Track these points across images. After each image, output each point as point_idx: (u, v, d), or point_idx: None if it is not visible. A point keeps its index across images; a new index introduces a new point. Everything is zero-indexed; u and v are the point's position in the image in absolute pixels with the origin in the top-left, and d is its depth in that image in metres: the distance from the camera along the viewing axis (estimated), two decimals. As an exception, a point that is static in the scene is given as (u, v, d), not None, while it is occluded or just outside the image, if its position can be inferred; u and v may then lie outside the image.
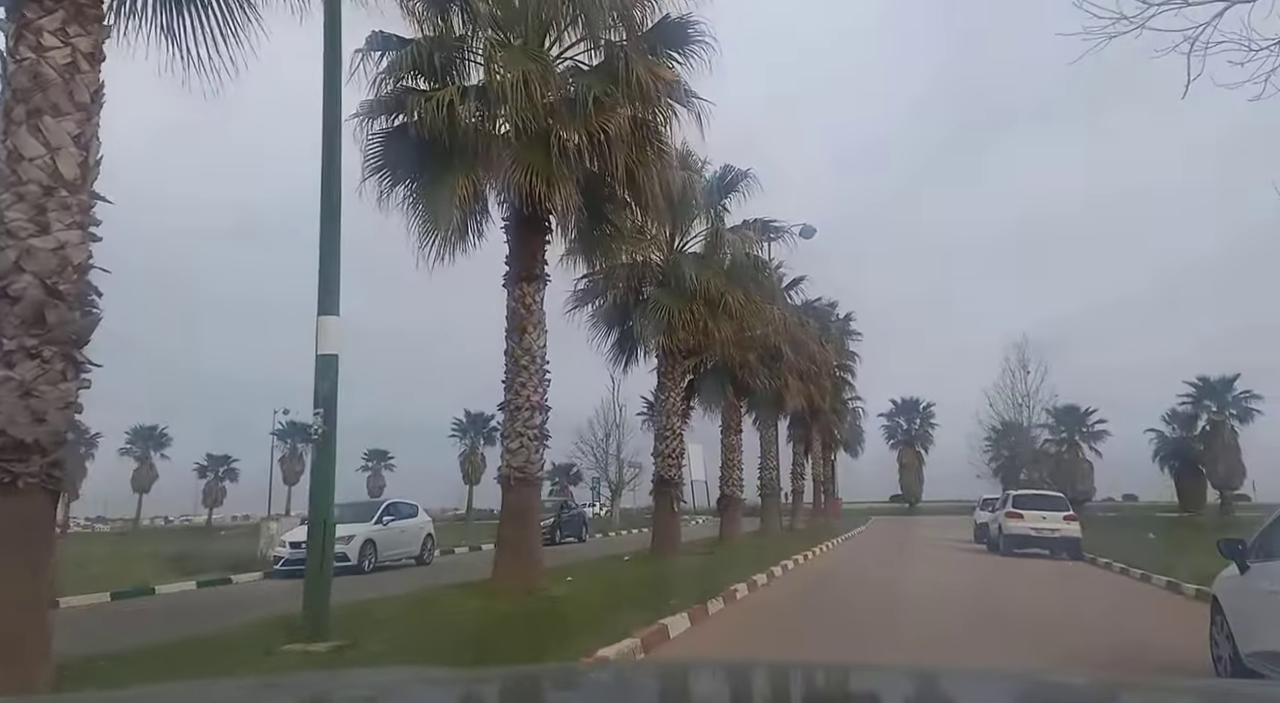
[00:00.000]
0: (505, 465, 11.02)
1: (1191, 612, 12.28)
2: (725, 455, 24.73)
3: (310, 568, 6.95)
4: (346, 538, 18.81)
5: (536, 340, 11.25)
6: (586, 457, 53.55)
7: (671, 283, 17.72)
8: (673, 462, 17.85)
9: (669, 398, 18.08)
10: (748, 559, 17.88)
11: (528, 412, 11.05)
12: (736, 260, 17.76)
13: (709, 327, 17.31)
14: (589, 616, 9.17)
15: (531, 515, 11.14)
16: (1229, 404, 48.85)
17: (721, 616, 10.82)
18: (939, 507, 66.75)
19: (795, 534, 31.06)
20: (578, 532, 32.30)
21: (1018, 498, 24.77)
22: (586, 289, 18.49)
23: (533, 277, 11.34)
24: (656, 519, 18.30)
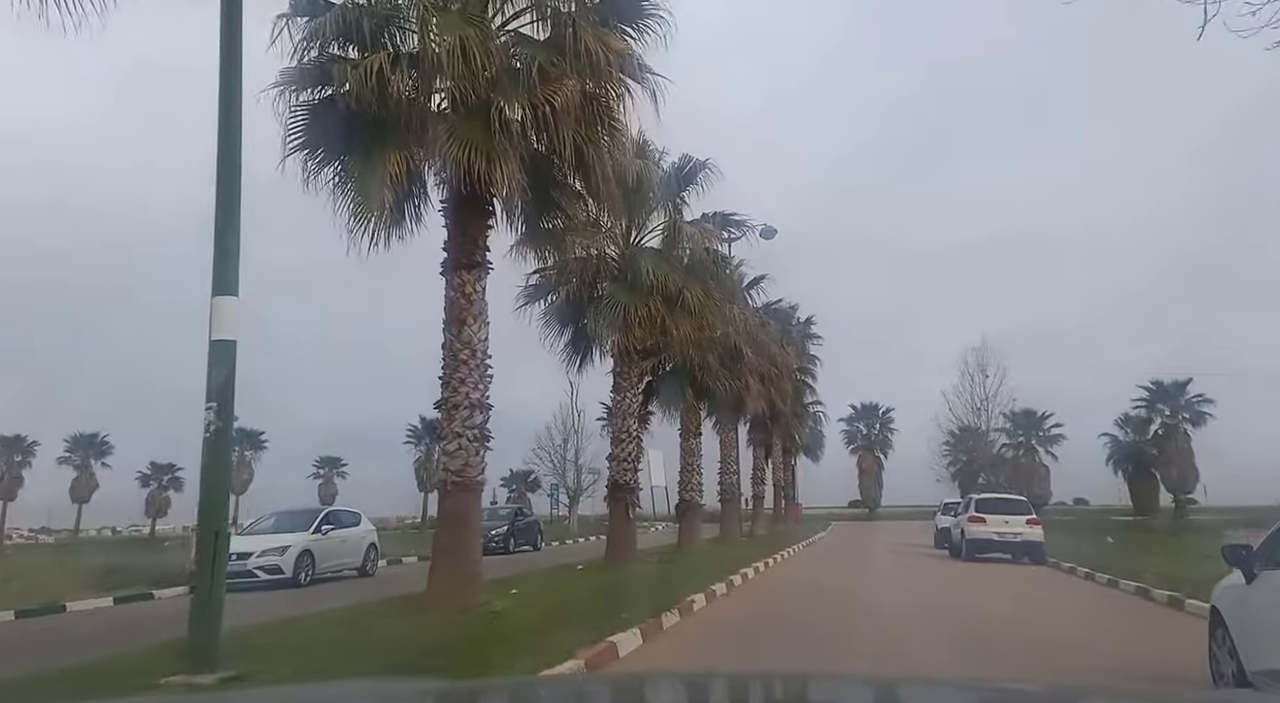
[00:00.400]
0: (442, 469, 10.09)
1: (1170, 621, 11.78)
2: (684, 460, 23.94)
3: (198, 589, 5.99)
4: (280, 549, 17.69)
5: (477, 333, 10.34)
6: (544, 463, 52.57)
7: (628, 278, 16.91)
8: (628, 466, 17.01)
9: (625, 400, 17.25)
10: (706, 568, 17.09)
11: (467, 410, 10.13)
12: (696, 255, 17.02)
13: (667, 324, 16.53)
14: (529, 634, 8.29)
15: (470, 524, 10.21)
16: (1182, 408, 49.44)
17: (677, 630, 10.00)
18: (898, 512, 66.83)
19: (756, 541, 30.38)
20: (533, 540, 31.30)
21: (980, 502, 24.37)
22: (538, 285, 17.61)
23: (473, 264, 10.43)
24: (611, 527, 17.45)
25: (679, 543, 23.37)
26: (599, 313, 16.26)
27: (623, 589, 12.89)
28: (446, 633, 8.19)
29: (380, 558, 24.94)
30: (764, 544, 27.54)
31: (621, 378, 17.32)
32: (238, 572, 17.39)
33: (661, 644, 8.97)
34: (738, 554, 21.49)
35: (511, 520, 30.61)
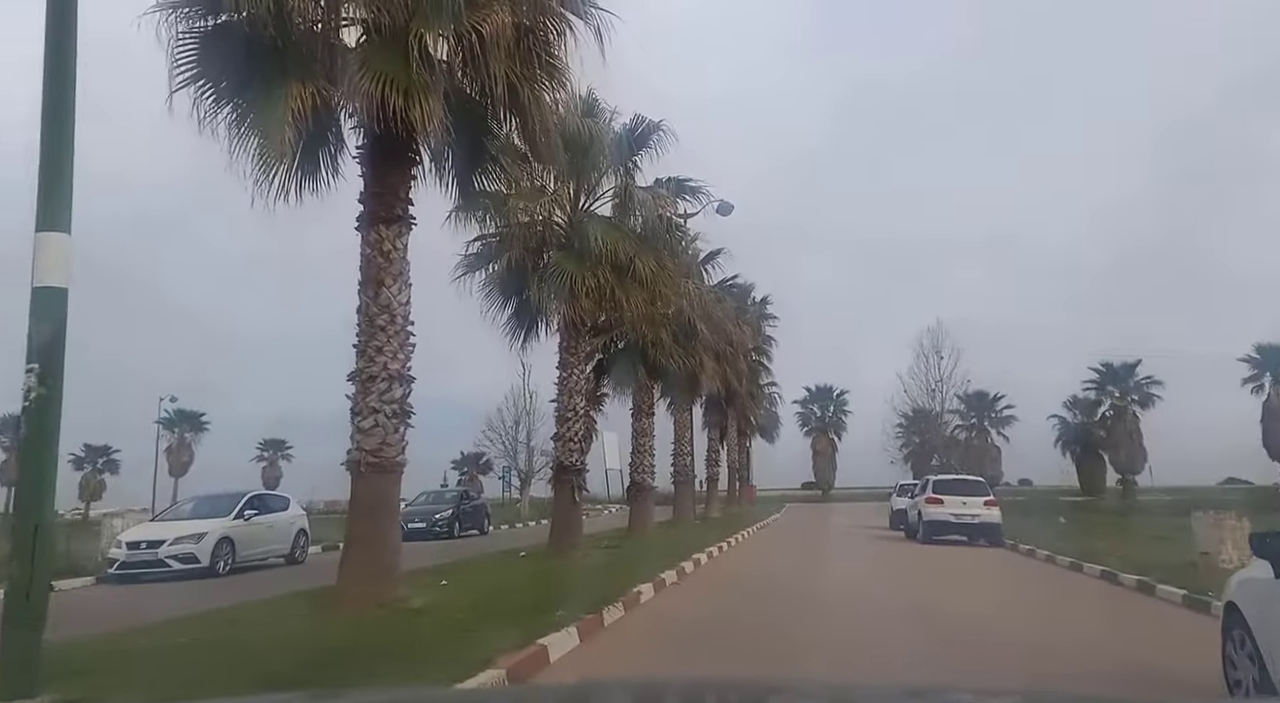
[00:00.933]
0: (355, 448, 8.90)
1: (1148, 610, 11.11)
2: (636, 440, 22.97)
3: (9, 594, 4.79)
4: (197, 536, 16.33)
5: (397, 296, 9.14)
6: (496, 445, 51.26)
7: (575, 245, 15.77)
8: (574, 447, 15.95)
9: (572, 376, 16.16)
10: (657, 553, 16.17)
11: (384, 383, 8.95)
12: (648, 223, 15.93)
13: (617, 295, 15.44)
14: (448, 636, 7.22)
15: (388, 510, 9.06)
16: (1131, 389, 49.91)
17: (620, 627, 9.01)
18: (852, 494, 66.94)
19: (710, 523, 29.62)
20: (479, 524, 30.17)
21: (938, 483, 23.84)
22: (479, 253, 16.39)
23: (392, 218, 9.21)
24: (556, 511, 16.39)
25: (630, 527, 22.44)
26: (543, 283, 15.11)
27: (564, 580, 11.88)
28: (349, 636, 7.08)
29: (314, 544, 23.67)
30: (718, 527, 26.77)
31: (568, 353, 16.22)
32: (149, 561, 16.05)
33: (601, 645, 7.97)
34: (691, 538, 20.64)
35: (457, 504, 29.45)
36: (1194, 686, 6.27)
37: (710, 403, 35.02)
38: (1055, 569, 16.49)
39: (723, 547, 19.83)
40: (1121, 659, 7.32)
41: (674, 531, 24.19)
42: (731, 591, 13.12)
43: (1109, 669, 6.90)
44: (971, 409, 55.75)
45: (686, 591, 12.74)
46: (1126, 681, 6.64)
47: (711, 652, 7.82)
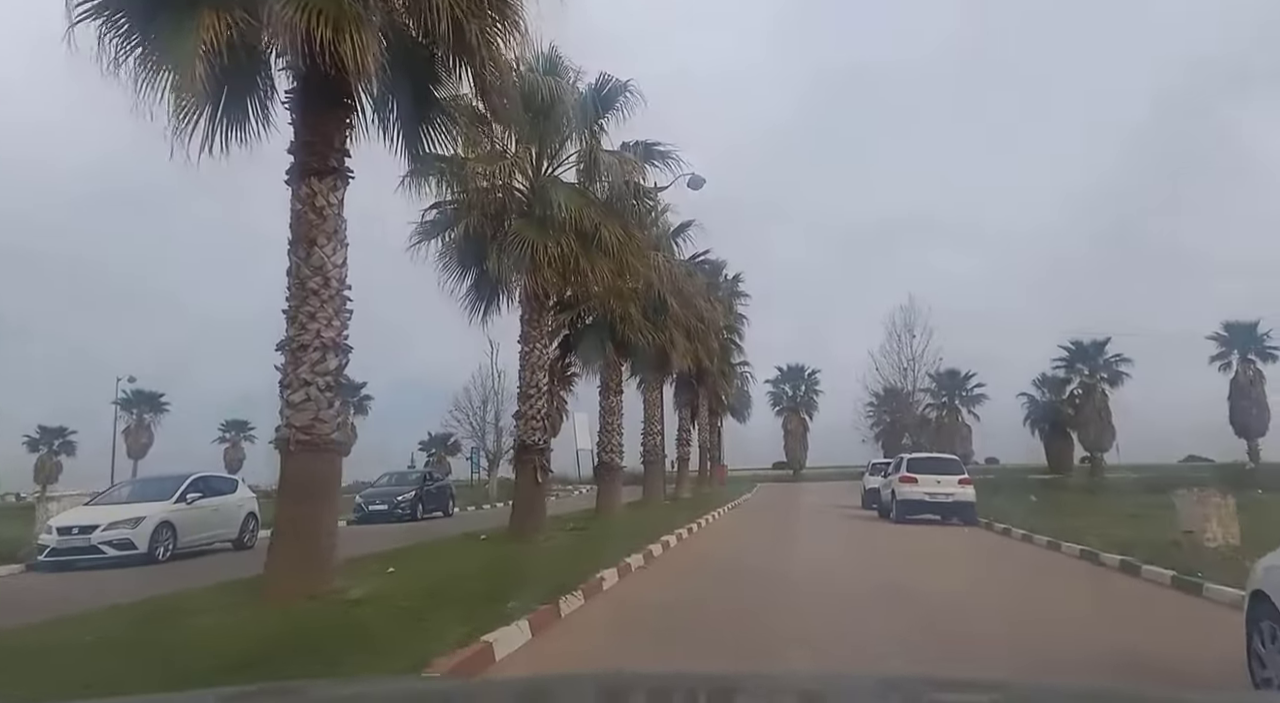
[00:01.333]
0: (285, 425, 8.03)
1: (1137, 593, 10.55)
2: (604, 419, 22.23)
3: None
4: (134, 521, 15.32)
5: (331, 257, 8.25)
6: (463, 426, 50.22)
7: (537, 213, 14.89)
8: (536, 424, 15.14)
9: (534, 351, 15.31)
10: (624, 536, 15.48)
11: (317, 352, 8.07)
12: (615, 189, 15.07)
13: (581, 265, 14.60)
14: (382, 633, 6.44)
15: (324, 493, 8.20)
16: (1100, 367, 50.00)
17: (579, 618, 8.28)
18: (823, 473, 66.87)
19: (680, 504, 29.01)
20: (444, 505, 29.33)
21: (912, 462, 23.41)
22: (435, 221, 15.45)
23: (326, 169, 8.30)
24: (518, 492, 15.60)
25: (597, 508, 21.73)
26: (503, 252, 14.22)
27: (522, 566, 11.12)
28: (268, 633, 6.27)
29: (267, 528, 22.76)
30: (688, 508, 26.16)
31: (531, 327, 15.36)
32: (81, 548, 15.03)
33: (555, 640, 7.23)
34: (660, 519, 19.99)
35: (420, 485, 28.59)
36: (1207, 679, 5.68)
37: (681, 382, 34.36)
38: (1033, 549, 16.07)
39: (692, 528, 19.21)
40: (1118, 649, 6.74)
41: (643, 511, 23.54)
42: (701, 575, 12.47)
43: (1106, 661, 6.30)
44: (943, 388, 55.69)
45: (653, 575, 12.06)
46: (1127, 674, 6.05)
47: (677, 644, 7.13)
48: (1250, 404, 46.80)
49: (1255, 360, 47.56)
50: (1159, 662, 6.32)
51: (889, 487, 23.84)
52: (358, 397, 69.13)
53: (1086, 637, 7.40)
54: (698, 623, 8.11)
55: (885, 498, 24.28)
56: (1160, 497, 27.99)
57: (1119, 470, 52.34)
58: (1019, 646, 6.87)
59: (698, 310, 26.29)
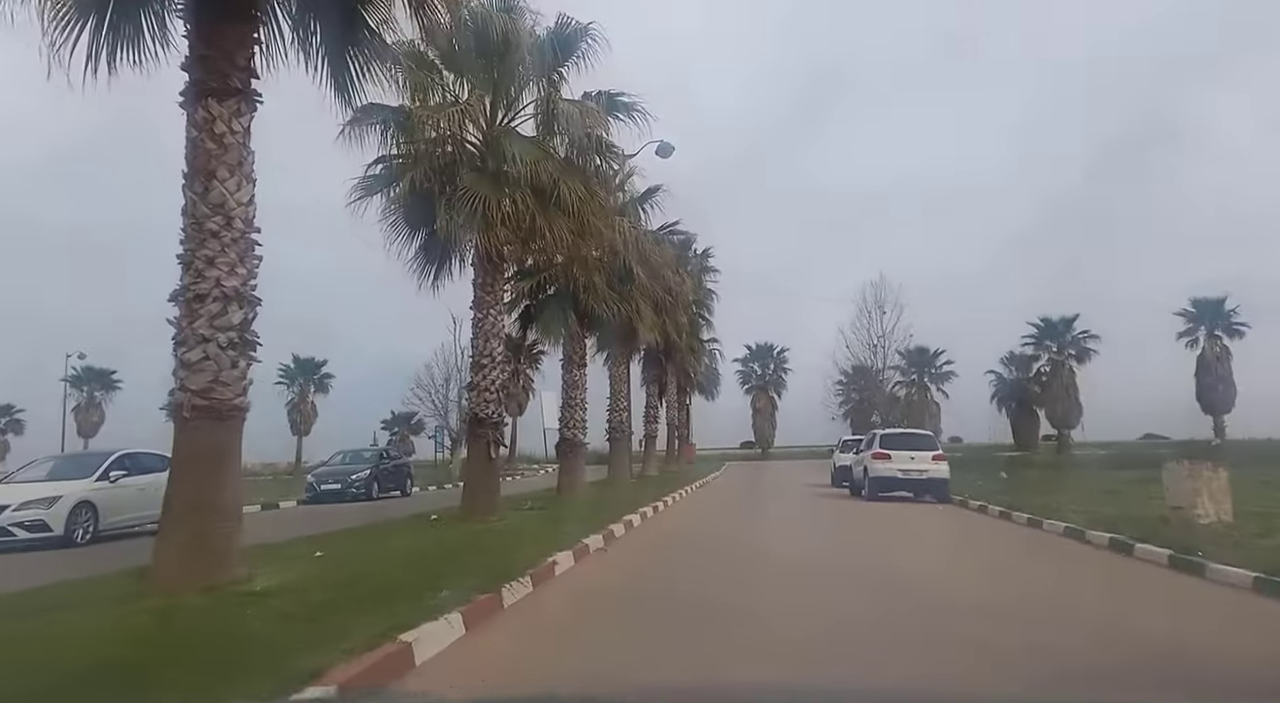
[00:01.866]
0: (179, 387, 6.88)
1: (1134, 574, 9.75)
2: (567, 394, 21.14)
3: None
4: (48, 501, 14.01)
5: (235, 193, 7.06)
6: (425, 404, 48.85)
7: (490, 166, 13.71)
8: (490, 397, 14.03)
9: (488, 317, 14.18)
10: (585, 516, 14.51)
11: (217, 303, 6.91)
12: (575, 142, 13.93)
13: (538, 223, 13.46)
14: (279, 633, 5.37)
15: (224, 467, 7.05)
16: (1068, 344, 49.92)
17: (523, 610, 7.26)
18: (791, 452, 66.57)
19: (646, 482, 28.11)
20: (401, 484, 28.17)
21: (885, 438, 22.66)
22: (379, 176, 14.20)
23: (227, 90, 7.08)
24: (469, 470, 14.52)
25: (559, 487, 20.72)
26: (452, 207, 13.03)
27: (469, 548, 10.09)
28: (140, 634, 5.18)
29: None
30: (655, 486, 25.26)
31: (484, 292, 14.21)
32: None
33: (492, 636, 6.21)
34: (624, 498, 19.04)
35: (375, 464, 27.39)
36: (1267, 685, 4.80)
37: (649, 357, 33.40)
38: (1013, 527, 15.36)
39: (657, 507, 18.28)
40: (1147, 647, 5.86)
41: (607, 490, 22.58)
42: (664, 558, 11.52)
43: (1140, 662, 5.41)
44: (912, 365, 55.34)
45: (613, 558, 11.07)
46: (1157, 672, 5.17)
47: (634, 644, 6.14)
48: (1216, 381, 46.99)
49: (1222, 337, 47.76)
50: (1204, 663, 5.42)
51: (861, 464, 23.11)
52: (318, 375, 67.63)
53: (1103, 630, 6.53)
54: (658, 616, 7.14)
55: (857, 475, 23.57)
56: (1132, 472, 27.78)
57: (1085, 448, 52.56)
58: (1033, 645, 5.90)
59: (666, 282, 25.23)
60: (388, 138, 13.82)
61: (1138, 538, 11.27)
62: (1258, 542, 10.39)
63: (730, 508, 20.76)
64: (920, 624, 6.79)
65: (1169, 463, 14.13)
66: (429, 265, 15.04)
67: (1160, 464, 32.59)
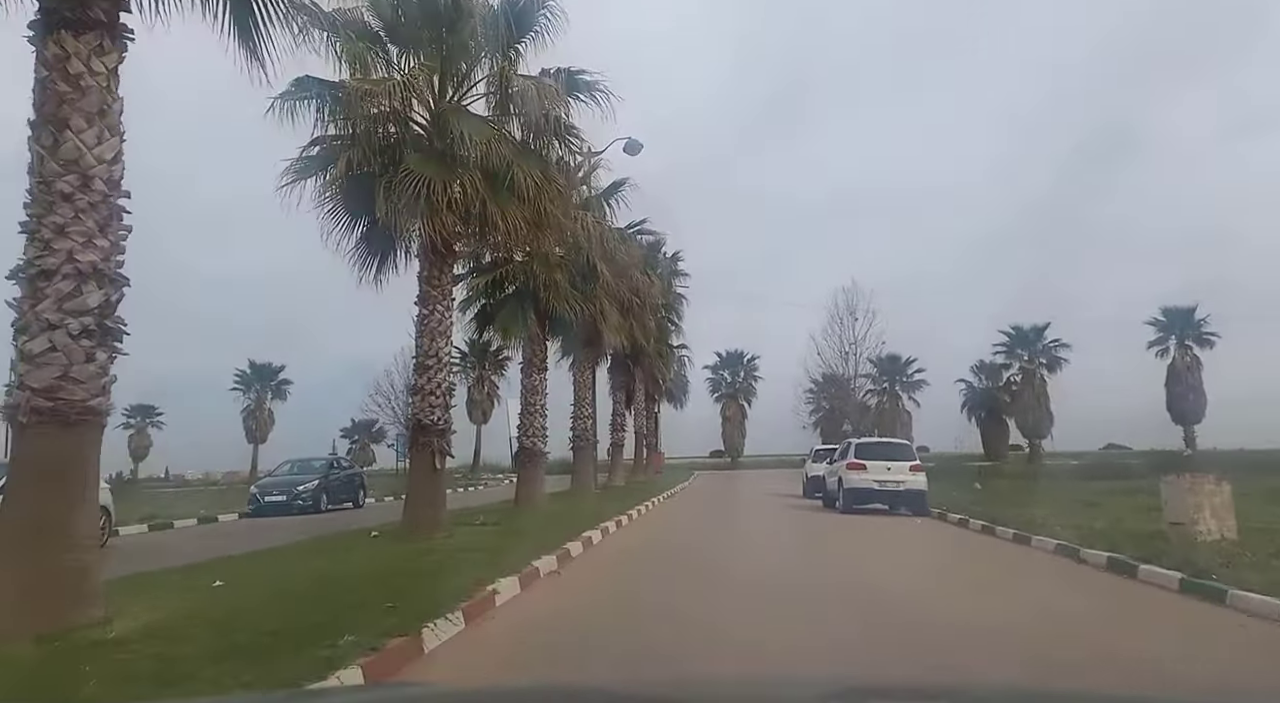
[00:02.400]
0: (18, 385, 5.56)
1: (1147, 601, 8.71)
2: (526, 399, 19.85)
3: None
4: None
5: (94, 148, 5.75)
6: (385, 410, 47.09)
7: (436, 146, 12.46)
8: (436, 401, 12.73)
9: (434, 314, 12.89)
10: (540, 531, 13.27)
11: (69, 282, 5.60)
12: (532, 122, 12.73)
13: (488, 210, 12.22)
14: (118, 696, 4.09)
15: (75, 483, 5.70)
16: (1039, 352, 49.55)
17: (446, 655, 5.97)
18: (761, 461, 65.67)
19: (612, 493, 26.86)
20: (353, 496, 26.65)
21: (861, 447, 21.66)
22: (315, 157, 12.88)
23: (87, 22, 5.78)
24: (411, 482, 13.18)
25: (517, 499, 19.42)
26: (393, 191, 11.74)
27: (399, 572, 8.78)
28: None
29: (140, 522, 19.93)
30: (620, 498, 24.02)
31: (430, 285, 12.93)
32: None
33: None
34: (586, 511, 17.82)
35: (325, 474, 25.84)
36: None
37: (616, 362, 32.20)
38: (999, 543, 14.35)
39: (621, 521, 17.06)
40: (1174, 684, 4.79)
41: (569, 502, 21.30)
42: (627, 580, 10.30)
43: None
44: (884, 373, 54.70)
45: (567, 581, 9.83)
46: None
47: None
48: (1187, 390, 46.81)
49: (1192, 346, 47.62)
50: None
51: (835, 474, 22.09)
52: (276, 381, 65.48)
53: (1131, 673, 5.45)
54: (613, 659, 5.92)
55: (831, 486, 22.55)
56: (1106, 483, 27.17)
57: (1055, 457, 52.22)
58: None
59: (633, 282, 24.06)
60: (324, 115, 12.51)
61: (1140, 558, 10.29)
62: (1274, 564, 9.42)
63: (698, 522, 19.60)
64: (916, 662, 5.66)
65: (1167, 476, 13.19)
66: (371, 257, 13.71)
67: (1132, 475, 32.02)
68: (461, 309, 19.18)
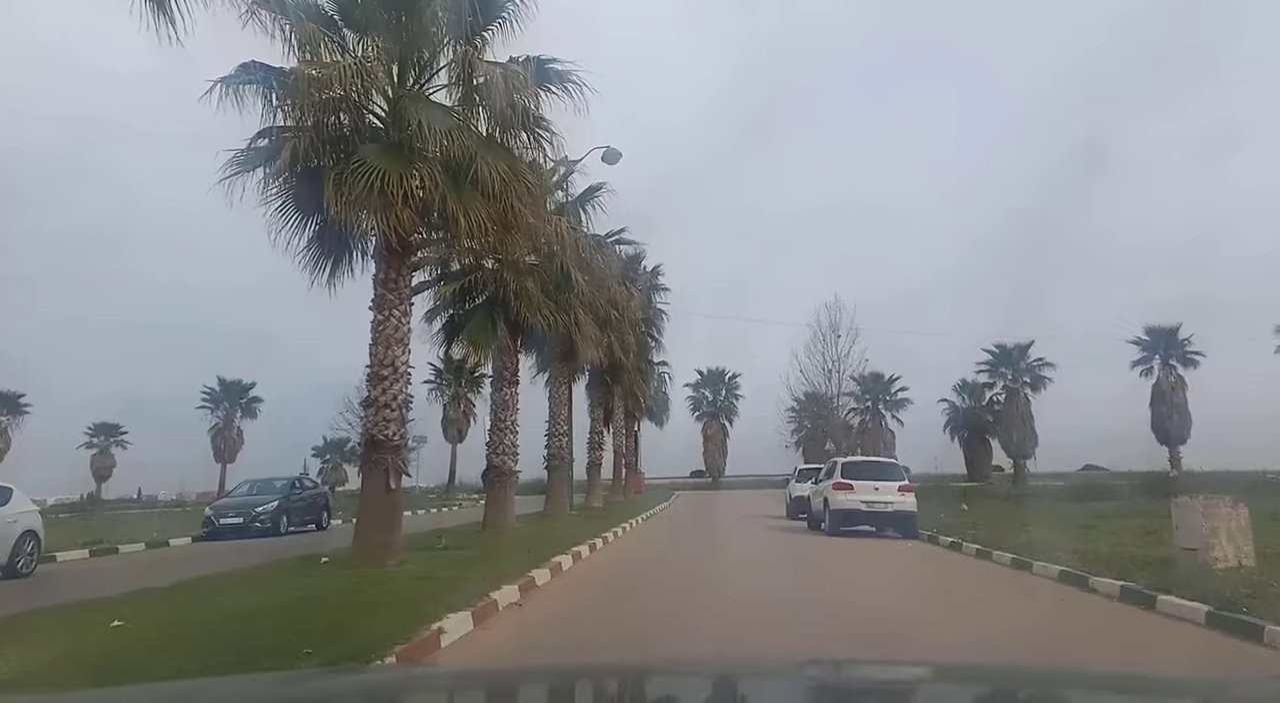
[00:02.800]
0: None
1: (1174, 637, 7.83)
2: (495, 414, 18.77)
3: None
4: None
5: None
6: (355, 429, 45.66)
7: (394, 137, 11.49)
8: (391, 415, 11.65)
9: (390, 319, 11.84)
10: (506, 557, 12.21)
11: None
12: (498, 114, 11.80)
13: (449, 206, 11.23)
14: None
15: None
16: (1023, 371, 49.02)
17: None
18: (743, 482, 64.70)
19: (588, 515, 25.72)
20: (317, 517, 25.38)
21: (848, 466, 20.74)
22: (261, 149, 11.87)
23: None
24: (363, 503, 12.02)
25: (484, 521, 18.28)
26: (345, 183, 10.73)
27: (335, 608, 7.70)
28: None
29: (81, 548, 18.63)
30: (597, 519, 22.91)
31: (386, 288, 11.89)
32: None
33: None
34: (559, 534, 16.73)
35: (286, 495, 24.54)
36: None
37: (594, 378, 31.17)
38: (997, 569, 13.41)
39: (595, 545, 15.98)
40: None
41: (541, 524, 20.17)
42: (596, 615, 9.24)
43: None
44: (867, 392, 53.97)
45: (530, 617, 8.76)
46: None
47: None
48: (1171, 410, 46.35)
49: (1176, 366, 47.25)
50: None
51: (821, 494, 21.14)
52: (246, 398, 63.66)
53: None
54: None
55: (816, 507, 21.60)
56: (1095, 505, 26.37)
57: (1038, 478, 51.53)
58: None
59: (610, 294, 23.11)
60: (273, 103, 11.52)
61: (1157, 587, 9.38)
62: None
63: (678, 546, 18.53)
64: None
65: (1178, 498, 12.32)
66: (324, 259, 12.68)
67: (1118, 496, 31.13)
68: (428, 320, 18.17)
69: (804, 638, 7.63)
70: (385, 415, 11.74)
